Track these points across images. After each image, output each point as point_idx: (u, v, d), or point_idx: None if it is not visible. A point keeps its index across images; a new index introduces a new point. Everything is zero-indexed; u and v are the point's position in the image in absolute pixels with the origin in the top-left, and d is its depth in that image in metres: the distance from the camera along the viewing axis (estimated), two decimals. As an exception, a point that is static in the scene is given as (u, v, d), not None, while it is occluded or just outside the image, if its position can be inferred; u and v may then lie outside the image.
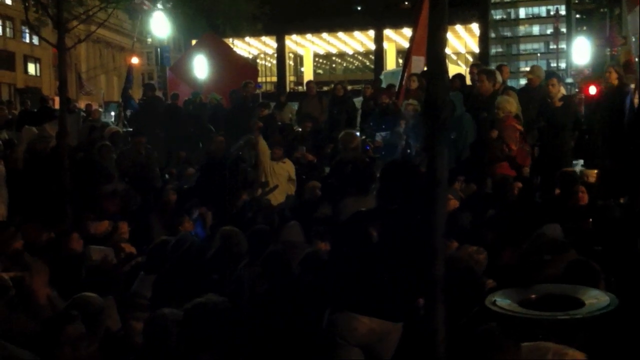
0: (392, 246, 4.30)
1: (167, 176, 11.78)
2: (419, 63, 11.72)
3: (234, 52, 22.72)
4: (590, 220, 6.46)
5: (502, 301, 4.05)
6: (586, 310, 3.86)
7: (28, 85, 50.41)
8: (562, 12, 63.07)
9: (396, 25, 37.12)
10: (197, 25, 30.38)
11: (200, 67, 18.19)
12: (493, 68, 11.03)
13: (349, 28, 40.65)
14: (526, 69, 33.73)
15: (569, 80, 33.21)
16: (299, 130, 13.32)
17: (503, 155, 8.57)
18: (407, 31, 30.67)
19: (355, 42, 44.31)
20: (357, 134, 10.88)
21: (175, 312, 4.14)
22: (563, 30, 58.84)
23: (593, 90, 10.71)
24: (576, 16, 46.67)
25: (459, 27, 38.07)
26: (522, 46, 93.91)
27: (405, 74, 11.89)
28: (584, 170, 9.40)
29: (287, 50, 43.08)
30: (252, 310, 4.97)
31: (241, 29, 33.59)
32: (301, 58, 46.48)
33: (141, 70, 53.10)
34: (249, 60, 30.39)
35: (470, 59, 40.35)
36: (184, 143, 13.42)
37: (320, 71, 48.14)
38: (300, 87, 39.17)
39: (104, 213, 7.99)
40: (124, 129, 15.07)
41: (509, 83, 11.96)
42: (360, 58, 48.40)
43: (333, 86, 14.92)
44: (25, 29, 51.21)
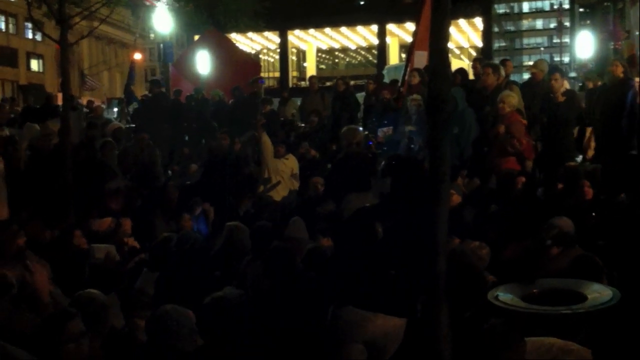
0: (397, 241, 4.30)
1: (170, 173, 11.79)
2: (422, 58, 11.68)
3: (237, 48, 22.67)
4: (593, 215, 6.45)
5: (505, 296, 4.05)
6: (589, 305, 3.86)
7: (31, 82, 50.35)
8: (566, 6, 62.70)
9: (399, 20, 36.90)
10: (200, 21, 30.35)
11: (203, 63, 18.14)
12: (497, 62, 11.03)
13: (351, 23, 40.44)
14: (529, 63, 33.62)
15: (572, 74, 33.08)
16: (301, 125, 13.31)
17: (514, 149, 8.55)
18: (410, 26, 30.53)
19: (358, 37, 44.11)
20: (360, 129, 10.87)
21: (178, 309, 4.14)
22: (566, 24, 58.62)
23: None
24: (579, 10, 46.47)
25: (462, 22, 37.83)
26: (526, 40, 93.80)
27: (408, 69, 11.86)
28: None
29: (290, 46, 42.92)
30: (256, 306, 4.96)
31: (243, 25, 33.51)
32: (304, 53, 46.32)
33: (144, 66, 53.05)
34: (251, 56, 30.30)
35: (473, 53, 40.16)
36: (187, 139, 13.41)
37: (323, 66, 47.96)
38: (303, 83, 39.07)
39: (107, 210, 8.00)
40: (127, 126, 15.06)
41: (512, 77, 11.93)
42: (363, 53, 48.20)
43: (335, 81, 14.90)
44: (28, 26, 51.25)
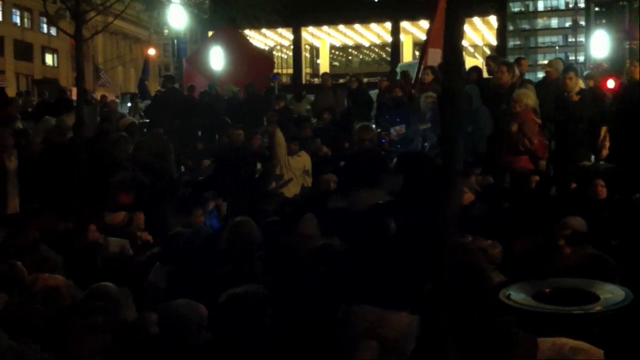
0: (409, 238, 4.29)
1: (183, 168, 11.81)
2: (436, 56, 11.65)
3: (250, 44, 22.71)
4: (606, 215, 6.41)
5: (517, 295, 4.04)
6: (601, 305, 3.84)
7: (46, 76, 50.60)
8: (581, 5, 62.38)
9: (413, 18, 36.78)
10: (214, 17, 30.44)
11: (217, 59, 18.18)
12: (511, 61, 10.98)
13: (365, 20, 40.34)
14: (544, 62, 33.41)
15: (586, 73, 32.85)
16: (313, 122, 13.31)
17: (525, 148, 8.52)
18: (424, 23, 30.45)
19: (372, 34, 44.01)
20: (373, 126, 10.85)
21: (190, 303, 4.16)
22: (582, 23, 58.27)
23: (611, 84, 10.59)
24: (595, 9, 46.14)
25: (476, 20, 37.69)
26: (540, 39, 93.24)
27: (422, 67, 11.84)
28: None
29: (304, 42, 42.85)
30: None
31: (257, 21, 33.53)
32: (317, 50, 46.24)
33: (157, 62, 53.28)
34: (265, 52, 30.37)
35: (487, 51, 39.93)
36: (200, 135, 13.43)
37: (336, 63, 47.86)
38: (316, 79, 39.02)
39: (120, 204, 8.03)
40: (140, 120, 15.10)
41: (527, 76, 11.89)
42: (376, 50, 48.07)
43: (348, 78, 14.91)
44: (43, 20, 51.50)
